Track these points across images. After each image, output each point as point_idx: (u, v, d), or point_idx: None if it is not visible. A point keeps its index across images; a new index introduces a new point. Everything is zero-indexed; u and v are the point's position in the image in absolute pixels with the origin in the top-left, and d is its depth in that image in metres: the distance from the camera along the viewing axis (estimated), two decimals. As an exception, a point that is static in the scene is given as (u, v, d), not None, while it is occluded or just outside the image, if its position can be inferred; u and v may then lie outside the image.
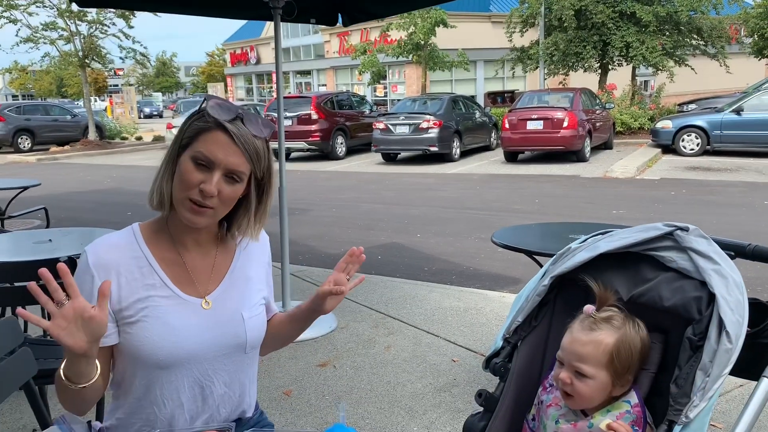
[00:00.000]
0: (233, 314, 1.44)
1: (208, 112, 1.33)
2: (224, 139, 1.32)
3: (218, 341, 1.41)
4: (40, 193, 8.51)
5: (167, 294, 1.39)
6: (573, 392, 1.31)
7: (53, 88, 52.88)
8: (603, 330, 1.31)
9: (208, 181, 1.31)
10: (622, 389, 1.32)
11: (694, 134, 13.84)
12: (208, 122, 1.33)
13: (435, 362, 3.62)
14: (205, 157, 1.31)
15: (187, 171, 1.32)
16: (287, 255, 4.24)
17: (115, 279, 1.35)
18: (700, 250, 1.33)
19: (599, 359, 1.29)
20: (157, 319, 1.36)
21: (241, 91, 42.73)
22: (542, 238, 3.51)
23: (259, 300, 1.52)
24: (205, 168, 1.32)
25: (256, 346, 1.51)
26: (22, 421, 2.96)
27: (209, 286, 1.44)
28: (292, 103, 15.64)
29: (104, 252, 1.37)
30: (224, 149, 1.32)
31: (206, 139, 1.32)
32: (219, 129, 1.32)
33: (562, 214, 8.04)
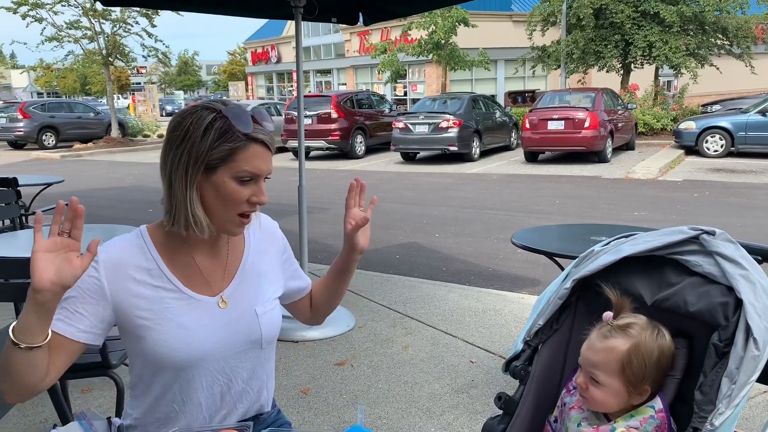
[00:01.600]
0: (246, 311, 1.44)
1: (237, 130, 1.28)
2: (262, 150, 1.32)
3: (233, 339, 1.41)
4: (64, 190, 8.63)
5: (179, 296, 1.38)
6: (588, 396, 1.31)
7: (77, 86, 53.59)
8: (617, 338, 1.29)
9: (258, 192, 1.34)
10: (640, 398, 1.29)
11: (718, 135, 13.64)
12: (239, 139, 1.29)
13: (453, 363, 3.60)
14: (251, 174, 1.31)
15: (233, 191, 1.31)
16: (306, 253, 4.25)
17: (124, 280, 1.33)
18: (726, 254, 1.30)
19: (611, 367, 1.28)
20: (171, 321, 1.35)
21: (262, 89, 42.97)
22: (562, 239, 3.48)
23: (272, 294, 1.51)
24: (250, 181, 1.32)
25: (272, 342, 1.50)
26: (43, 414, 2.99)
27: (222, 285, 1.44)
28: (312, 102, 15.69)
29: (114, 252, 1.36)
30: (265, 159, 1.33)
31: (246, 157, 1.30)
32: (253, 142, 1.31)
33: (583, 215, 7.97)
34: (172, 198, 1.33)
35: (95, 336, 1.32)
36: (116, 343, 2.34)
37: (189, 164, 1.29)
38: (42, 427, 2.90)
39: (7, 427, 2.91)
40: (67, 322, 1.28)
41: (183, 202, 1.31)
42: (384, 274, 5.44)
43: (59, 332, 1.26)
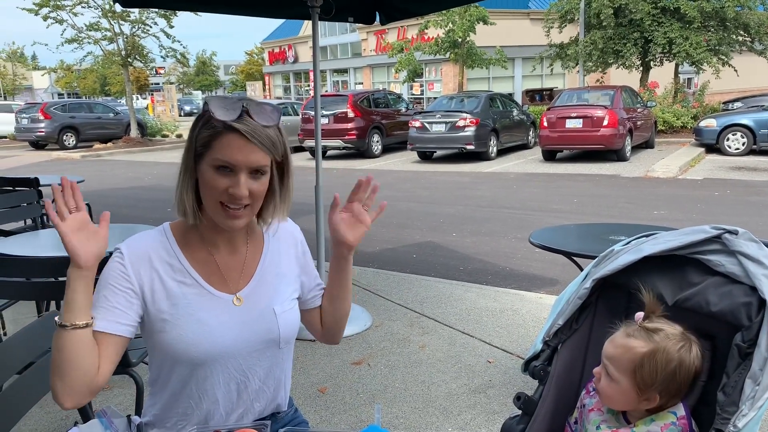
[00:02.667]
0: (265, 310, 1.45)
1: (213, 116, 1.30)
2: (238, 140, 1.30)
3: (252, 337, 1.42)
4: (84, 189, 8.72)
5: (200, 292, 1.40)
6: (599, 388, 1.31)
7: (97, 87, 54.20)
8: (638, 339, 1.27)
9: (235, 184, 1.31)
10: (648, 404, 1.26)
11: (739, 133, 13.46)
12: (216, 127, 1.30)
13: (470, 363, 3.59)
14: (225, 162, 1.30)
15: (211, 179, 1.32)
16: (323, 253, 4.25)
17: (148, 270, 1.37)
18: (749, 254, 1.28)
19: (623, 365, 1.27)
20: (191, 316, 1.37)
21: (279, 89, 43.15)
22: (581, 239, 3.45)
23: (291, 294, 1.52)
24: (229, 172, 1.31)
25: (290, 341, 1.51)
26: (64, 411, 3.03)
27: (240, 283, 1.45)
28: (328, 101, 15.72)
29: (137, 245, 1.39)
30: (242, 150, 1.30)
31: (221, 145, 1.30)
32: (230, 131, 1.29)
33: (602, 215, 7.90)
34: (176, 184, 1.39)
35: (134, 329, 1.36)
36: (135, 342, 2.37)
37: (186, 150, 1.36)
38: (63, 423, 2.94)
39: (29, 423, 2.95)
40: (108, 319, 1.32)
41: (178, 186, 1.37)
42: (401, 274, 5.43)
43: (102, 330, 1.30)
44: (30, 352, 1.69)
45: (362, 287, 4.98)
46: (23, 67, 61.93)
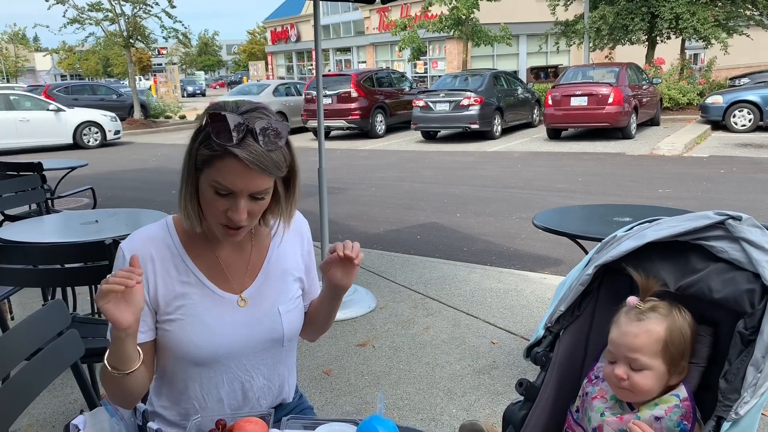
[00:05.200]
0: (270, 310, 1.44)
1: (214, 139, 1.22)
2: (239, 166, 1.23)
3: (255, 337, 1.41)
4: (88, 173, 8.75)
5: (203, 292, 1.39)
6: (631, 387, 1.27)
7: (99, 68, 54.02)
8: (651, 319, 1.28)
9: (233, 208, 1.27)
10: (679, 377, 1.28)
11: (746, 110, 13.33)
12: (215, 150, 1.23)
13: (474, 344, 3.61)
14: (224, 187, 1.25)
15: (210, 199, 1.28)
16: (326, 235, 4.26)
17: (152, 273, 1.36)
18: (753, 240, 1.27)
19: (653, 348, 1.26)
20: (195, 317, 1.36)
21: (282, 69, 42.90)
22: (585, 220, 3.44)
23: (296, 292, 1.51)
24: (228, 195, 1.27)
25: (293, 339, 1.51)
26: (72, 395, 3.07)
27: (245, 283, 1.43)
28: (331, 80, 15.63)
29: (140, 245, 1.37)
30: (242, 177, 1.24)
31: (220, 168, 1.24)
32: (230, 156, 1.22)
33: (607, 193, 7.88)
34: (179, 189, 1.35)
35: (152, 332, 1.38)
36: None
37: (186, 160, 1.30)
38: (71, 407, 2.98)
39: (38, 407, 2.98)
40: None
41: (181, 194, 1.33)
42: (405, 255, 5.44)
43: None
44: (38, 339, 1.70)
45: (366, 269, 4.99)
46: (25, 48, 61.71)
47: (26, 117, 15.26)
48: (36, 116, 15.45)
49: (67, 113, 15.96)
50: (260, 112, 1.28)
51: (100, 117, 16.66)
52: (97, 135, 16.45)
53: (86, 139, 16.27)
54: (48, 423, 2.88)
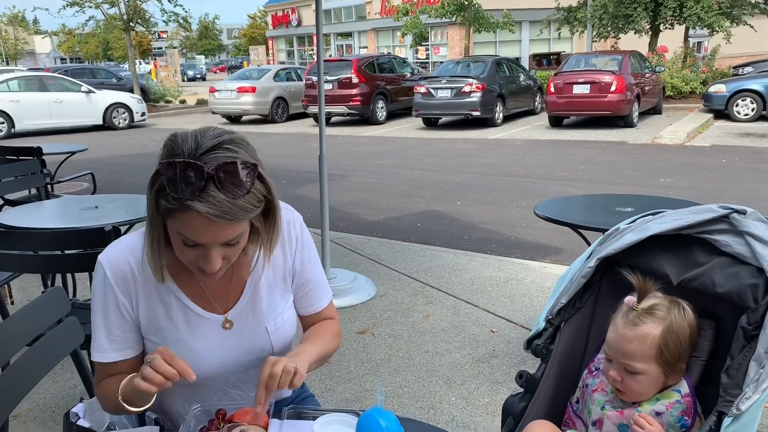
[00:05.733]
0: (257, 329, 1.37)
1: (169, 193, 1.09)
2: (202, 221, 1.10)
3: (244, 358, 1.36)
4: (88, 157, 8.72)
5: (187, 315, 1.32)
6: (624, 389, 1.28)
7: (99, 52, 53.75)
8: (647, 323, 1.26)
9: (204, 258, 1.17)
10: (677, 377, 1.28)
11: (749, 99, 13.27)
12: (171, 203, 1.10)
13: (474, 332, 3.61)
14: (190, 240, 1.15)
15: (178, 248, 1.18)
16: (327, 221, 4.25)
17: (133, 290, 1.30)
18: (757, 234, 1.26)
19: (647, 354, 1.25)
20: (178, 342, 1.30)
21: (282, 54, 42.68)
22: (587, 210, 3.43)
23: (285, 305, 1.42)
24: (196, 246, 1.16)
25: (285, 351, 1.43)
26: (72, 381, 3.07)
27: (228, 303, 1.35)
28: (332, 66, 15.54)
29: (119, 261, 1.29)
30: (208, 231, 1.12)
31: (182, 221, 1.12)
32: (190, 210, 1.09)
33: (608, 182, 7.86)
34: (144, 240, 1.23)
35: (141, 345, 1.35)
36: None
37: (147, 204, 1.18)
38: (72, 392, 2.98)
39: (39, 393, 2.99)
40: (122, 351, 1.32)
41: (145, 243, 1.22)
42: (405, 243, 5.43)
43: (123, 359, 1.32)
44: (38, 326, 1.69)
45: (366, 257, 4.99)
46: (25, 31, 61.36)
47: (60, 98, 15.57)
48: (69, 98, 15.78)
49: (97, 95, 16.31)
50: (224, 149, 1.12)
51: (128, 99, 17.04)
52: (125, 116, 16.78)
53: (116, 121, 16.57)
54: (48, 408, 2.89)
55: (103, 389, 1.32)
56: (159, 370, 1.13)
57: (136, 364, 1.34)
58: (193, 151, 1.11)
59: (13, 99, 14.91)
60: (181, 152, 1.11)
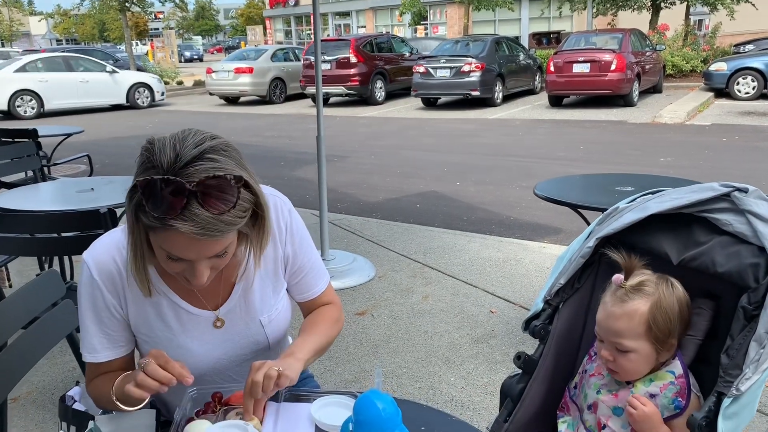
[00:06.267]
0: (250, 323, 1.34)
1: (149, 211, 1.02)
2: (185, 239, 1.04)
3: (237, 353, 1.34)
4: (85, 139, 8.68)
5: (178, 313, 1.29)
6: (617, 368, 1.27)
7: (95, 33, 53.26)
8: (635, 299, 1.25)
9: (191, 273, 1.13)
10: (669, 353, 1.27)
11: (750, 77, 13.18)
12: (152, 220, 1.03)
13: (473, 313, 3.61)
14: (175, 256, 1.10)
15: (164, 262, 1.12)
16: (325, 203, 4.23)
17: (121, 286, 1.26)
18: (759, 213, 1.24)
19: (636, 331, 1.24)
20: (170, 342, 1.28)
21: (280, 33, 42.30)
22: (587, 190, 3.40)
23: (278, 296, 1.39)
24: (179, 260, 1.11)
25: (279, 341, 1.42)
26: (71, 363, 3.07)
27: (219, 299, 1.31)
28: (330, 46, 15.42)
29: (105, 260, 1.25)
30: (192, 248, 1.07)
31: (165, 238, 1.06)
32: (171, 230, 1.03)
33: (608, 162, 7.82)
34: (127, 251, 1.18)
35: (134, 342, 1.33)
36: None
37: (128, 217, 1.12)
38: (71, 375, 2.99)
39: (37, 375, 3.00)
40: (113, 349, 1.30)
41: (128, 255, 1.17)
42: (404, 224, 5.42)
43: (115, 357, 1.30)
44: (34, 308, 1.69)
45: (366, 238, 4.98)
46: (19, 12, 60.73)
47: (86, 78, 15.95)
48: (94, 77, 16.13)
49: (120, 74, 16.72)
50: (206, 159, 1.04)
51: (150, 78, 17.48)
52: (147, 96, 17.10)
53: (138, 100, 16.84)
54: (47, 390, 2.89)
55: (96, 387, 1.30)
56: (153, 375, 1.10)
57: (129, 360, 1.33)
58: (172, 164, 1.03)
59: (42, 79, 15.18)
60: (159, 165, 1.03)
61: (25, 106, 14.98)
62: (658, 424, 1.22)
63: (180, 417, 1.18)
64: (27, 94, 14.94)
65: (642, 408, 1.22)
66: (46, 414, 2.71)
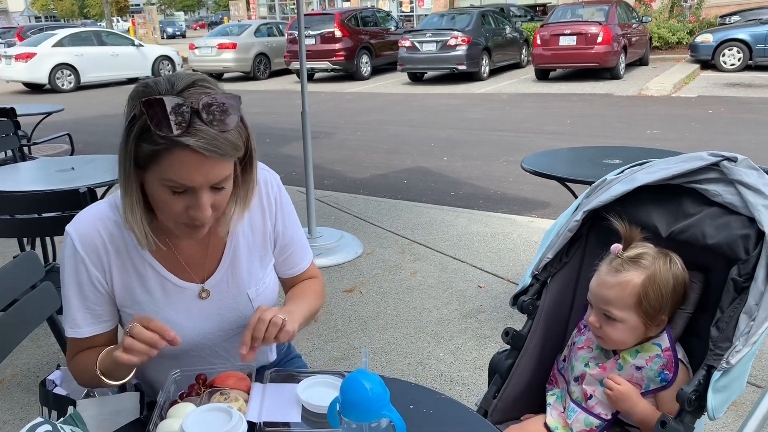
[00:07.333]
0: (237, 297, 1.31)
1: (155, 131, 1.03)
2: (193, 157, 1.04)
3: (224, 326, 1.31)
4: (66, 118, 8.53)
5: (164, 285, 1.26)
6: (602, 335, 1.27)
7: (75, 9, 52.22)
8: (630, 271, 1.24)
9: (195, 206, 1.11)
10: (657, 329, 1.26)
11: (735, 48, 13.17)
12: (158, 143, 1.04)
13: (461, 288, 3.61)
14: (180, 185, 1.08)
15: (164, 201, 1.11)
16: (311, 180, 4.19)
17: (106, 262, 1.23)
18: (749, 183, 1.22)
19: (626, 302, 1.23)
20: (156, 314, 1.22)
21: (263, 8, 41.65)
22: (574, 163, 3.39)
23: (265, 270, 1.37)
24: (185, 192, 1.09)
25: None
26: (56, 345, 3.03)
27: (206, 271, 1.29)
28: (315, 20, 15.20)
29: (89, 231, 1.22)
30: (199, 169, 1.06)
31: (171, 163, 1.05)
32: (180, 148, 1.03)
33: (595, 135, 7.82)
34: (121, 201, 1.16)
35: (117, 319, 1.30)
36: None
37: (122, 158, 1.11)
38: (56, 357, 2.96)
39: (22, 357, 2.96)
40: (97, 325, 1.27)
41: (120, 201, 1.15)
42: (391, 200, 5.39)
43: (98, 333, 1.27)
44: (12, 291, 1.65)
45: (353, 215, 4.95)
46: (-4, -12, 59.39)
47: (116, 52, 16.57)
48: (123, 51, 16.75)
49: (146, 48, 17.42)
50: (201, 86, 1.08)
51: (170, 51, 18.15)
52: (169, 68, 17.62)
53: (162, 72, 17.25)
54: (32, 373, 2.87)
55: (78, 363, 1.27)
56: (140, 338, 1.08)
57: (113, 337, 1.30)
58: (170, 90, 1.07)
59: (78, 53, 15.76)
60: (157, 93, 1.06)
61: (64, 80, 15.57)
62: (636, 401, 1.22)
63: (163, 400, 1.15)
64: (65, 68, 15.53)
65: (617, 387, 1.21)
66: (32, 397, 2.68)
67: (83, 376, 1.26)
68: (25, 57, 15.21)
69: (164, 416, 1.11)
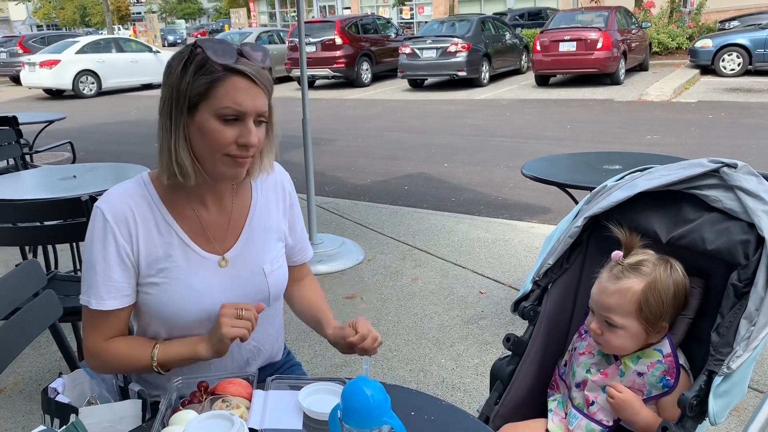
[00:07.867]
0: (254, 270, 1.38)
1: (212, 60, 1.20)
2: (244, 83, 1.22)
3: (241, 299, 1.34)
4: (67, 126, 8.55)
5: (187, 253, 1.32)
6: (603, 342, 1.27)
7: (77, 18, 52.37)
8: (630, 278, 1.24)
9: (245, 134, 1.23)
10: (659, 335, 1.26)
11: (735, 53, 13.19)
12: (216, 71, 1.20)
13: (462, 294, 3.61)
14: (233, 111, 1.21)
15: (216, 131, 1.22)
16: (312, 186, 4.20)
17: (134, 233, 1.29)
18: (748, 188, 1.23)
19: (627, 309, 1.23)
20: (179, 281, 1.30)
21: (264, 16, 41.80)
22: (574, 169, 3.39)
23: (280, 250, 1.45)
24: (236, 121, 1.22)
25: (279, 298, 1.46)
26: (58, 353, 3.03)
27: (227, 243, 1.36)
28: (315, 28, 15.25)
29: (119, 203, 1.29)
30: (249, 94, 1.22)
31: (226, 91, 1.21)
32: (234, 74, 1.21)
33: (595, 141, 7.82)
34: (160, 143, 1.26)
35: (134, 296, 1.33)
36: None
37: (172, 104, 1.24)
38: (57, 365, 2.95)
39: (24, 365, 2.96)
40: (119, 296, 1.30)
41: (167, 146, 1.25)
42: (392, 206, 5.40)
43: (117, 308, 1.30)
44: (15, 299, 1.65)
45: (354, 221, 4.95)
46: (-3, -3, 59.58)
47: (135, 58, 17.13)
48: (142, 57, 17.28)
49: (162, 54, 17.65)
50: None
51: None
52: None
53: None
54: (34, 381, 2.86)
55: (115, 349, 1.31)
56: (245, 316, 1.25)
57: (129, 312, 1.34)
58: None
59: (99, 60, 16.34)
60: None
61: (87, 86, 16.10)
62: (639, 409, 1.22)
63: (165, 407, 1.15)
64: (88, 74, 16.08)
65: (619, 395, 1.21)
66: (34, 405, 2.68)
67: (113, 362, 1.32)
68: (50, 64, 15.69)
69: (166, 423, 1.11)
